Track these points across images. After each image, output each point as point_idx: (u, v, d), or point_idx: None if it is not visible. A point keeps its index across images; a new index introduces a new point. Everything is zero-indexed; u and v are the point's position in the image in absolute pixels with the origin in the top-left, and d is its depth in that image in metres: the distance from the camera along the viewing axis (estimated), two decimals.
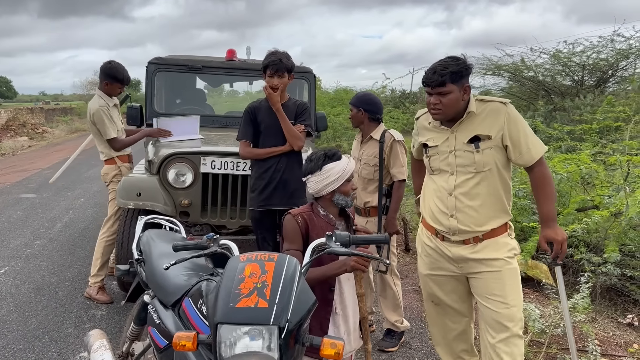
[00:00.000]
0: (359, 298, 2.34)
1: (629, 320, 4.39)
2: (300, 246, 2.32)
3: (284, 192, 3.51)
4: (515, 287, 2.51)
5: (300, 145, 3.52)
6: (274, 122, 3.52)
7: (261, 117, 3.55)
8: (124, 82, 4.39)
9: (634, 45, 14.01)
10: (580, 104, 13.64)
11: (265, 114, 3.55)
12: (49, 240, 6.03)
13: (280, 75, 3.44)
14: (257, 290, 1.59)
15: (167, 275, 2.28)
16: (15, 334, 3.70)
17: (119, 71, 4.34)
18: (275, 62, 3.43)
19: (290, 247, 2.31)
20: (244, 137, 3.56)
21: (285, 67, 3.44)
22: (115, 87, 4.37)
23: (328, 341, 1.62)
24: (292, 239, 2.32)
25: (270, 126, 3.53)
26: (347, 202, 2.44)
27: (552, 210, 2.46)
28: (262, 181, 3.52)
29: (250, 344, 1.55)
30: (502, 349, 2.47)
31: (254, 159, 3.58)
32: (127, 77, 4.40)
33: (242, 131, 3.58)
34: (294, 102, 3.68)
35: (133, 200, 3.97)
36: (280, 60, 3.42)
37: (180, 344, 1.63)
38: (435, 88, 2.41)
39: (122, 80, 4.35)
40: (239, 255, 1.75)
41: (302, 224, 2.34)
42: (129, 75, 4.44)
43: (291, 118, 3.58)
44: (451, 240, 2.56)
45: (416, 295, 4.69)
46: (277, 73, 3.43)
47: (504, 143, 2.42)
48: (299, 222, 2.33)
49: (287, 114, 3.55)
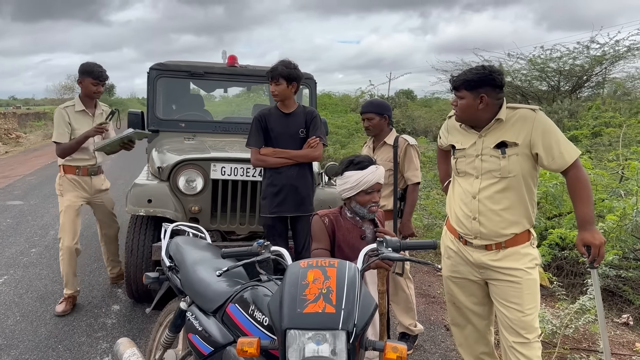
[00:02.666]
0: (380, 295, 2.39)
1: (624, 320, 4.54)
2: (327, 245, 2.40)
3: (295, 199, 3.60)
4: (532, 296, 2.56)
5: (317, 156, 3.64)
6: (285, 129, 3.61)
7: (272, 125, 3.62)
8: (95, 75, 4.19)
9: (607, 51, 14.44)
10: (557, 109, 13.99)
11: (276, 122, 3.63)
12: (45, 248, 5.93)
13: (276, 83, 3.52)
14: (323, 296, 1.63)
15: (207, 283, 2.30)
16: (26, 344, 3.65)
17: (89, 65, 4.22)
18: (272, 69, 3.55)
19: (317, 247, 2.40)
20: (255, 144, 3.61)
21: (279, 73, 3.51)
22: (88, 83, 4.20)
23: (390, 345, 1.66)
24: (319, 238, 2.43)
25: (281, 133, 3.61)
26: (363, 213, 2.49)
27: (589, 213, 2.45)
28: (274, 188, 3.59)
29: (318, 349, 1.59)
30: (519, 351, 2.55)
31: (265, 167, 3.62)
32: (97, 71, 4.20)
33: (252, 138, 3.63)
34: (303, 110, 3.75)
35: (144, 207, 3.96)
36: (276, 68, 3.52)
37: (243, 350, 1.66)
38: (453, 91, 2.58)
39: (91, 72, 4.18)
40: (299, 261, 1.79)
41: (329, 224, 2.43)
42: (102, 71, 4.24)
43: (300, 126, 3.66)
44: (473, 244, 2.63)
45: (422, 299, 4.76)
46: (273, 80, 3.53)
47: (533, 151, 2.47)
48: (326, 223, 2.43)
49: (296, 122, 3.64)
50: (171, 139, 5.06)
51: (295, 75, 3.57)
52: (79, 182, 4.28)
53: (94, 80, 4.20)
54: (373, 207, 2.49)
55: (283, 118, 3.62)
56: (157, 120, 5.23)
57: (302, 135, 3.67)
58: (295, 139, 3.64)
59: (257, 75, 5.51)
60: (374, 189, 2.47)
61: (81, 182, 4.29)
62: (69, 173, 4.24)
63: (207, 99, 7.59)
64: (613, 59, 14.55)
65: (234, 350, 1.95)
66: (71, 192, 4.25)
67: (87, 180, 4.33)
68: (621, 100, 14.34)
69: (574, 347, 3.76)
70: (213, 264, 2.47)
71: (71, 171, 4.24)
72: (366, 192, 2.45)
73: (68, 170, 4.24)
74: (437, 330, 4.09)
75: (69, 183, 4.24)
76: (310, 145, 3.61)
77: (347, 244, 2.42)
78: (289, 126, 3.63)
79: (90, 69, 4.19)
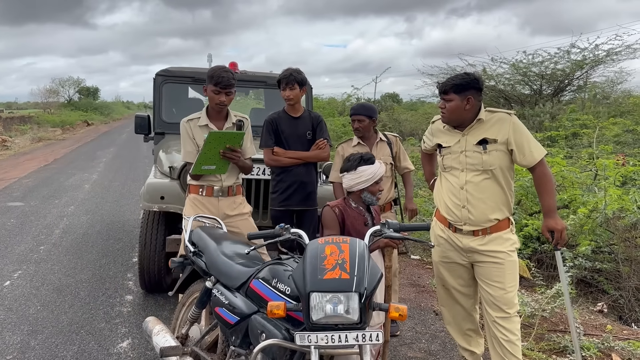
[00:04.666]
0: (387, 269, 2.74)
1: (599, 308, 4.94)
2: (338, 232, 2.79)
3: (302, 194, 3.96)
4: (513, 276, 2.97)
5: (325, 157, 4.05)
6: (294, 131, 3.97)
7: (282, 127, 3.97)
8: (215, 81, 3.42)
9: (587, 56, 14.98)
10: (539, 112, 14.50)
11: (286, 124, 3.98)
12: (53, 246, 6.21)
13: (292, 88, 3.88)
14: (339, 266, 1.99)
15: (230, 264, 2.64)
16: (50, 329, 3.95)
17: (212, 69, 3.50)
18: (287, 75, 3.88)
19: (330, 233, 2.76)
20: (267, 144, 3.96)
21: (295, 79, 3.87)
22: (210, 91, 3.48)
23: (393, 306, 2.04)
24: (331, 226, 2.81)
25: (290, 135, 3.97)
26: (372, 201, 2.90)
27: (552, 203, 2.92)
28: (284, 184, 3.95)
29: (334, 309, 1.94)
30: (501, 325, 2.93)
31: (277, 166, 3.97)
32: (219, 76, 3.41)
33: (264, 139, 3.98)
34: (309, 114, 4.12)
35: (157, 204, 4.28)
36: (291, 74, 3.87)
37: (272, 312, 2.02)
38: (441, 95, 2.95)
39: (211, 78, 3.43)
40: (317, 239, 2.14)
41: (339, 214, 2.82)
42: (224, 76, 3.42)
43: (307, 129, 4.03)
44: (463, 231, 3.00)
45: (412, 288, 5.14)
46: (288, 85, 3.88)
47: (509, 147, 2.88)
48: (336, 213, 2.82)
49: (304, 125, 4.01)
50: (177, 141, 5.35)
51: (305, 80, 3.97)
52: (203, 204, 3.57)
53: (214, 87, 3.45)
54: (379, 194, 2.93)
55: (292, 121, 3.99)
56: (162, 124, 5.54)
57: (309, 137, 4.02)
58: (303, 140, 4.00)
59: (255, 80, 5.85)
60: (379, 181, 2.89)
61: (205, 204, 3.57)
62: (193, 192, 3.62)
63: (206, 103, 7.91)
64: (593, 63, 15.12)
65: (258, 318, 2.30)
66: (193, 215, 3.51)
67: (214, 201, 3.58)
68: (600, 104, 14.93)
69: (551, 329, 4.14)
70: (234, 248, 2.81)
71: (194, 191, 3.61)
72: (376, 183, 2.87)
73: (192, 190, 3.63)
74: (427, 315, 4.47)
75: (190, 204, 3.60)
76: (318, 146, 3.98)
77: (354, 230, 2.78)
78: (297, 128, 3.99)
79: (212, 73, 3.45)
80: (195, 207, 3.56)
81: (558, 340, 3.83)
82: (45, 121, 31.77)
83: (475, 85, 2.89)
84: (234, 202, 3.64)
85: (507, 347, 2.90)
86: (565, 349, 3.72)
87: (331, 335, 1.92)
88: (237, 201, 3.67)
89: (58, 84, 52.25)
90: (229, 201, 3.61)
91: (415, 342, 3.96)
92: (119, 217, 7.90)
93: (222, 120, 3.63)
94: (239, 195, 3.70)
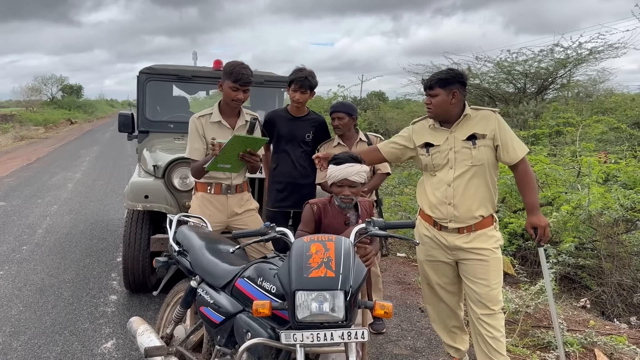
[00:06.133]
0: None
1: (582, 304, 5.00)
2: (312, 229, 2.78)
3: (297, 195, 3.90)
4: (497, 272, 3.00)
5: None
6: (292, 131, 3.93)
7: (279, 127, 3.93)
8: (233, 77, 3.33)
9: (571, 55, 15.16)
10: (523, 110, 14.64)
11: (284, 124, 3.94)
12: (36, 246, 6.14)
13: (303, 92, 3.79)
14: (325, 264, 1.98)
15: (216, 262, 2.63)
16: (33, 330, 3.90)
17: (230, 65, 3.39)
18: (302, 79, 3.74)
19: (302, 229, 2.78)
20: None
21: (309, 85, 3.77)
22: (226, 86, 3.38)
23: (379, 304, 2.04)
24: (306, 223, 2.80)
25: (287, 134, 3.92)
26: (338, 201, 2.78)
27: (535, 201, 2.97)
28: (279, 185, 3.93)
29: (320, 307, 1.94)
30: (486, 321, 2.96)
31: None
32: (238, 72, 3.32)
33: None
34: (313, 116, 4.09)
35: (141, 203, 4.24)
36: (306, 78, 3.75)
37: (258, 311, 2.01)
38: (427, 90, 2.97)
39: (230, 74, 3.33)
40: (302, 237, 2.14)
41: (317, 211, 2.81)
42: (244, 73, 3.34)
43: (308, 130, 3.98)
44: (448, 228, 3.01)
45: (398, 286, 5.16)
46: (301, 89, 3.77)
47: (495, 143, 2.92)
48: (314, 210, 2.80)
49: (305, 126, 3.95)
50: (161, 139, 5.34)
51: (316, 84, 3.85)
52: (211, 202, 3.50)
53: (232, 83, 3.35)
54: (344, 199, 2.75)
55: (292, 121, 3.92)
56: (146, 122, 5.50)
57: (308, 139, 3.97)
58: (300, 141, 3.93)
59: None
60: (343, 184, 2.74)
61: (214, 202, 3.50)
62: (200, 190, 3.53)
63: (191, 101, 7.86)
64: (576, 62, 15.30)
65: (244, 317, 2.29)
66: (203, 215, 3.41)
67: (222, 199, 3.51)
68: (583, 102, 15.11)
69: (535, 325, 4.18)
70: (218, 247, 2.79)
71: (202, 189, 3.52)
72: (337, 185, 2.76)
73: (199, 188, 3.53)
74: (412, 312, 4.49)
75: (199, 202, 3.51)
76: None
77: (332, 229, 2.74)
78: (297, 129, 3.92)
79: (230, 69, 3.35)
80: (203, 205, 3.49)
81: (542, 336, 3.86)
82: (27, 120, 31.32)
83: (459, 79, 2.93)
84: (242, 199, 3.60)
85: (492, 343, 2.93)
86: (549, 345, 3.76)
87: (317, 334, 1.92)
88: (244, 198, 3.62)
89: (41, 82, 51.54)
90: (237, 198, 3.56)
91: (401, 339, 3.97)
92: (103, 216, 7.82)
93: (235, 117, 3.55)
94: (246, 192, 3.65)
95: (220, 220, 3.52)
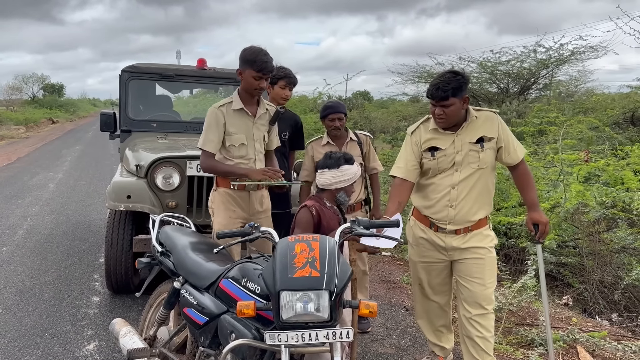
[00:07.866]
0: (352, 263, 2.71)
1: (565, 301, 5.06)
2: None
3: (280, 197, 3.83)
4: (492, 272, 3.01)
5: None
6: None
7: None
8: (257, 66, 3.18)
9: (553, 55, 15.34)
10: (506, 110, 14.77)
11: None
12: (16, 247, 6.04)
13: (290, 89, 3.90)
14: (309, 264, 1.97)
15: (199, 263, 2.60)
16: (13, 333, 3.83)
17: (253, 52, 3.21)
18: (291, 76, 3.87)
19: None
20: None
21: (294, 82, 3.89)
22: (248, 75, 3.23)
23: (364, 303, 2.04)
24: (305, 228, 2.76)
25: None
26: (345, 201, 2.90)
27: (535, 198, 3.01)
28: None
29: (305, 307, 1.93)
30: (477, 322, 2.96)
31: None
32: (262, 60, 3.17)
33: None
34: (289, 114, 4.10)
35: (123, 203, 4.19)
36: (293, 76, 3.87)
37: (242, 311, 1.99)
38: (439, 102, 2.80)
39: (253, 63, 3.18)
40: (287, 237, 2.12)
41: (315, 214, 2.79)
42: (267, 61, 3.20)
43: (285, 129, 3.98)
44: (446, 230, 3.00)
45: (383, 285, 5.17)
46: (288, 86, 3.85)
47: (498, 145, 2.92)
48: (313, 213, 2.79)
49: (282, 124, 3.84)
50: (144, 138, 5.28)
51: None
52: (235, 199, 3.36)
53: (256, 72, 3.21)
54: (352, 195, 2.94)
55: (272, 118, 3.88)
56: (129, 121, 5.43)
57: (285, 137, 3.95)
58: None
59: (225, 77, 5.78)
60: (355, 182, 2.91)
61: (237, 199, 3.36)
62: (222, 186, 3.36)
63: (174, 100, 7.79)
64: (558, 62, 15.48)
65: (228, 318, 2.26)
66: (224, 212, 3.34)
67: (245, 196, 3.38)
68: (565, 102, 15.29)
69: (519, 322, 4.21)
70: (202, 247, 2.77)
71: (225, 184, 3.35)
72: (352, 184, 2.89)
73: (221, 183, 3.37)
74: (397, 310, 4.50)
75: (222, 199, 3.36)
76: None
77: (329, 230, 2.75)
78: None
79: (253, 57, 3.19)
80: (227, 202, 3.35)
81: (525, 333, 3.89)
82: (7, 119, 30.83)
83: (467, 83, 2.86)
84: (263, 197, 3.50)
85: (481, 344, 2.94)
86: (532, 342, 3.79)
87: (302, 334, 1.90)
88: (265, 195, 3.53)
89: (21, 80, 50.86)
90: (258, 195, 3.44)
91: (386, 338, 3.97)
92: (85, 217, 7.73)
93: (255, 105, 3.42)
94: (265, 190, 3.55)
95: (243, 217, 3.39)
